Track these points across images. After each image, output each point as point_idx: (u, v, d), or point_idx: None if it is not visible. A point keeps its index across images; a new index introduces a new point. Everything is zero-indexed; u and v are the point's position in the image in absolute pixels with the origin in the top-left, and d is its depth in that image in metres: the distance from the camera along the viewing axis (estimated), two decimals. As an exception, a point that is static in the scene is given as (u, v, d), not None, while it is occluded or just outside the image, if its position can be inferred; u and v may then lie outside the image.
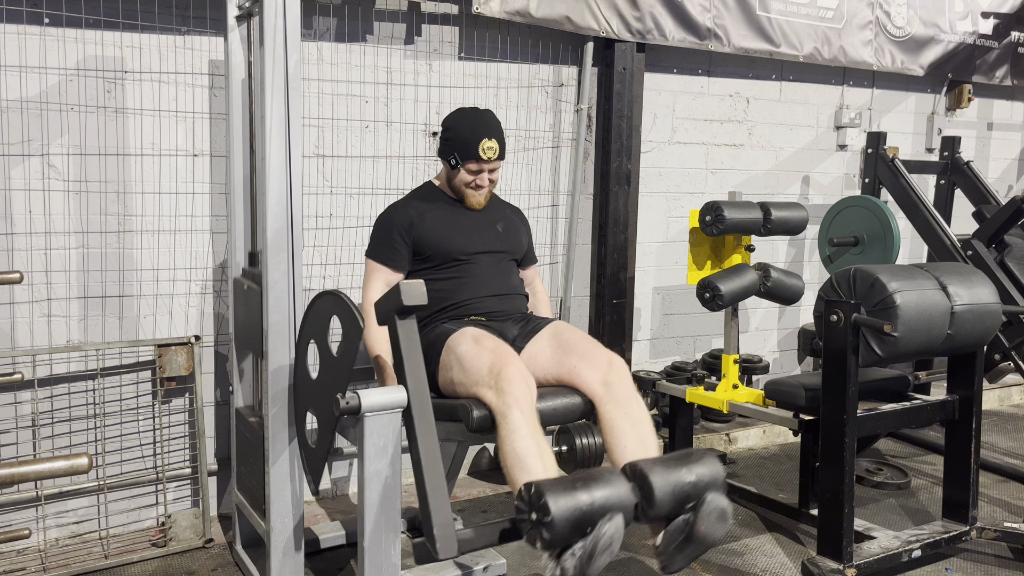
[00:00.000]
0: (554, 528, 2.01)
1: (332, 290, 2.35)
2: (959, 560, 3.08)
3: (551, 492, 2.05)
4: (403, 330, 2.20)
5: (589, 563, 2.02)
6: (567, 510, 2.03)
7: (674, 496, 2.17)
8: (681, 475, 2.19)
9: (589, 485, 2.09)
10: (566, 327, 2.68)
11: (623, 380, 2.46)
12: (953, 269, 3.00)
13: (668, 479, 2.17)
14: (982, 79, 5.32)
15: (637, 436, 2.41)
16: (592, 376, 2.47)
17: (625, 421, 2.43)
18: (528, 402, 2.30)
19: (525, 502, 2.11)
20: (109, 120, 3.03)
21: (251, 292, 2.65)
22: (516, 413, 2.26)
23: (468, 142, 2.68)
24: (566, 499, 2.04)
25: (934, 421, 3.15)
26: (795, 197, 4.83)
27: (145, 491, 3.21)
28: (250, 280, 2.70)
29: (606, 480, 2.12)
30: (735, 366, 3.58)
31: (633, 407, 2.43)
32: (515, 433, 2.25)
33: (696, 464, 2.22)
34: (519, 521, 2.14)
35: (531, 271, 3.06)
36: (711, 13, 4.16)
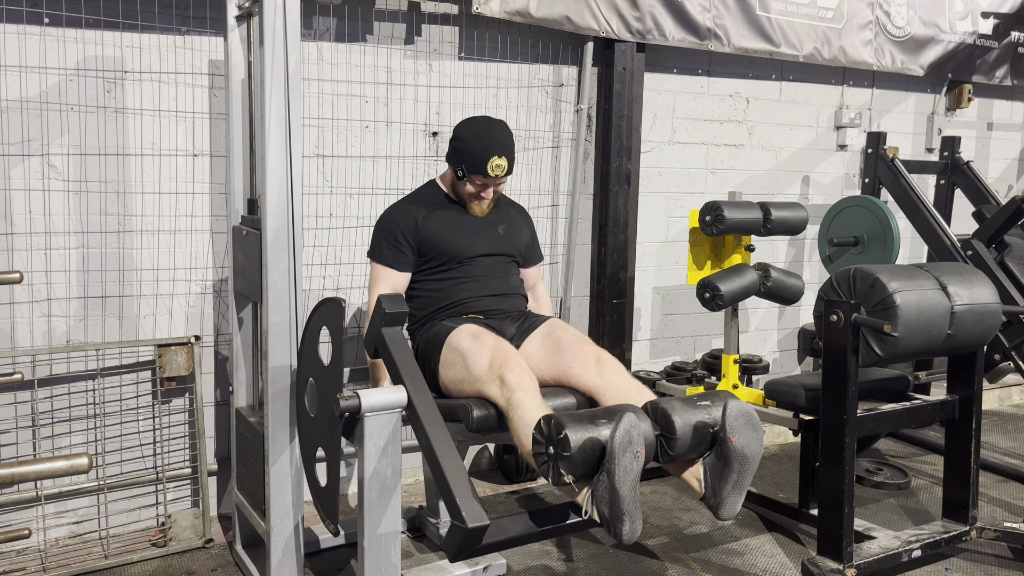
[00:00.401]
0: (571, 446, 1.96)
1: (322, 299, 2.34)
2: (959, 560, 3.08)
3: (567, 420, 2.00)
4: (389, 337, 2.22)
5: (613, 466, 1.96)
6: (583, 430, 1.98)
7: (695, 427, 2.13)
8: (700, 410, 2.16)
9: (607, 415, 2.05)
10: (560, 325, 2.68)
11: (615, 370, 2.47)
12: (953, 269, 3.00)
13: (687, 413, 2.14)
14: (982, 79, 5.32)
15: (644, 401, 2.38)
16: (585, 373, 2.47)
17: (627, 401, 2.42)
18: (532, 386, 2.30)
19: (543, 435, 2.05)
20: (109, 120, 3.03)
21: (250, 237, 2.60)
22: (520, 393, 2.26)
23: (478, 157, 2.67)
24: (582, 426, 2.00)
25: (934, 421, 3.15)
26: (795, 197, 4.83)
27: (145, 491, 3.21)
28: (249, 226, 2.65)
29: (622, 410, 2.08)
30: (735, 366, 3.59)
31: (632, 388, 2.42)
32: (522, 407, 2.23)
33: (714, 400, 2.20)
34: (540, 463, 2.06)
35: (534, 271, 3.05)
36: (711, 13, 4.16)
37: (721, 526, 3.33)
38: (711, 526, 3.33)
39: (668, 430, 2.12)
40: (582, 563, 2.97)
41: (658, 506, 3.52)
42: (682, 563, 3.01)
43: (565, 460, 1.98)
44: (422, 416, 2.13)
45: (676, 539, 3.20)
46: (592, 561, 2.99)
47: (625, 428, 1.99)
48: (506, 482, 3.76)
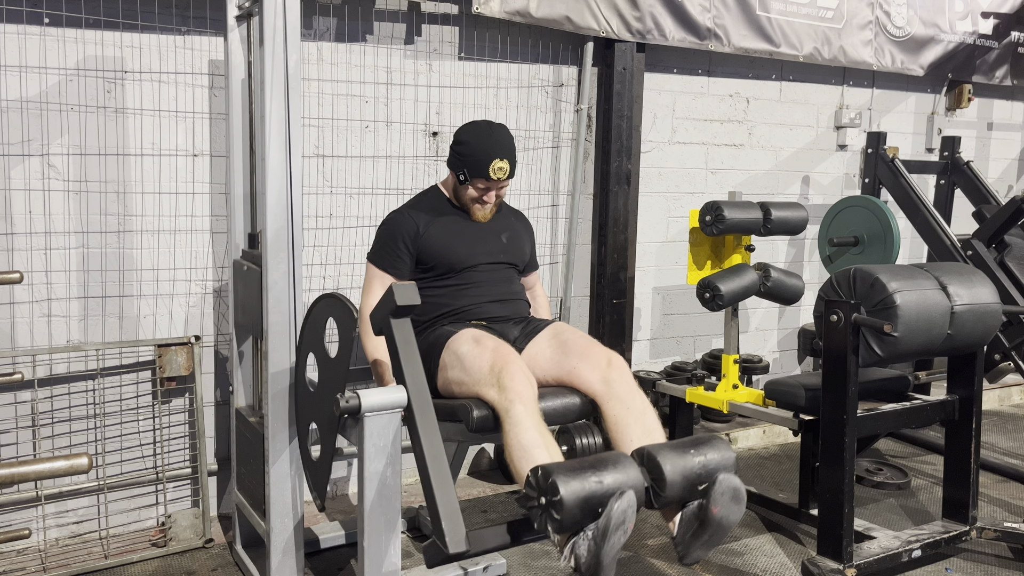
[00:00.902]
0: (564, 509, 1.96)
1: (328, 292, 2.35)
2: (959, 560, 3.08)
3: (560, 474, 2.00)
4: (398, 330, 2.20)
5: (603, 542, 1.96)
6: (577, 490, 1.98)
7: (685, 478, 2.12)
8: (691, 458, 2.15)
9: (599, 467, 2.05)
10: (565, 327, 2.68)
11: (623, 377, 2.46)
12: (953, 269, 3.00)
13: (678, 462, 2.13)
14: (982, 79, 5.32)
15: (642, 428, 2.39)
16: (592, 375, 2.47)
17: (628, 415, 2.42)
18: (530, 397, 2.29)
19: (534, 486, 2.05)
20: (109, 120, 3.03)
21: (251, 273, 2.62)
22: (519, 407, 2.26)
23: (479, 160, 2.67)
24: (576, 481, 1.99)
25: (934, 421, 3.15)
26: (795, 197, 4.83)
27: (145, 491, 3.21)
28: (249, 261, 2.68)
29: (616, 462, 2.07)
30: (735, 366, 3.59)
31: (636, 401, 2.41)
32: (519, 426, 2.23)
33: (706, 447, 2.19)
34: (528, 507, 2.08)
35: (532, 277, 3.06)
36: (711, 13, 4.16)
37: (721, 526, 3.33)
38: (711, 526, 3.33)
39: (658, 483, 2.12)
40: (582, 563, 2.97)
41: (658, 506, 3.52)
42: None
43: (555, 521, 1.99)
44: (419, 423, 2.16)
45: (676, 539, 3.20)
46: (592, 561, 2.98)
47: (622, 508, 1.98)
48: (506, 482, 3.75)
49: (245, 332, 2.90)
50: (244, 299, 2.77)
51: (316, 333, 2.38)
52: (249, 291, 2.67)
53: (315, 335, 2.39)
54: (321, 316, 2.37)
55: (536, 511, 2.04)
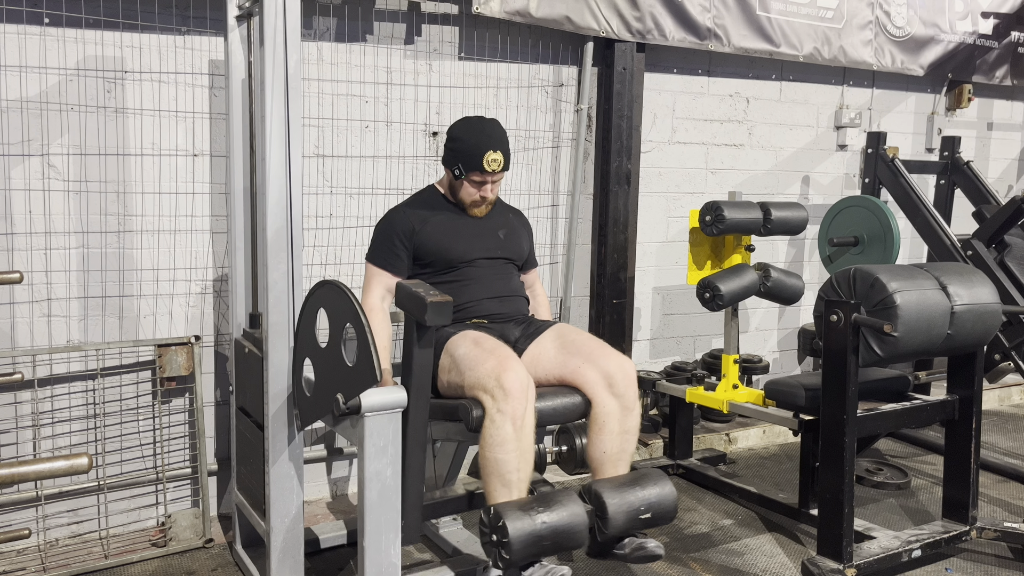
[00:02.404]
0: (511, 548, 2.17)
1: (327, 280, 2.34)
2: (959, 560, 3.08)
3: (509, 515, 2.20)
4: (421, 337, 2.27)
5: None
6: (524, 532, 2.19)
7: (628, 516, 2.34)
8: (635, 496, 2.37)
9: (547, 507, 2.25)
10: (570, 329, 2.70)
11: (631, 387, 2.52)
12: (953, 269, 3.00)
13: (623, 500, 2.34)
14: (982, 79, 5.32)
15: (621, 446, 2.52)
16: (597, 377, 2.49)
17: (618, 427, 2.50)
18: (522, 413, 2.33)
19: (486, 524, 2.26)
20: (109, 120, 3.03)
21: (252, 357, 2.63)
22: (508, 427, 2.31)
23: (473, 154, 2.68)
24: (523, 522, 2.20)
25: (934, 421, 3.15)
26: (795, 197, 4.83)
27: (145, 491, 3.21)
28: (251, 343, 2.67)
29: (563, 503, 2.28)
30: (735, 366, 3.59)
31: (631, 418, 2.52)
32: (502, 446, 2.32)
33: (650, 485, 2.40)
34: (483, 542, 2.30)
35: (532, 274, 3.07)
36: (711, 13, 4.16)
37: (721, 526, 3.33)
38: (711, 526, 3.34)
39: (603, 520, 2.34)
40: (582, 563, 2.97)
41: (658, 506, 3.52)
42: (682, 563, 3.01)
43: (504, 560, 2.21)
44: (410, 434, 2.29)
45: (676, 539, 3.20)
46: (591, 561, 2.99)
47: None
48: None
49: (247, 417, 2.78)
50: (247, 384, 2.73)
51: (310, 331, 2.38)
52: (252, 377, 2.64)
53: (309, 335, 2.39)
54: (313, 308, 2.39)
55: (488, 546, 2.26)
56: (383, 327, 2.64)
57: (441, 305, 2.17)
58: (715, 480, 3.68)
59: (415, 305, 2.21)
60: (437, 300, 2.16)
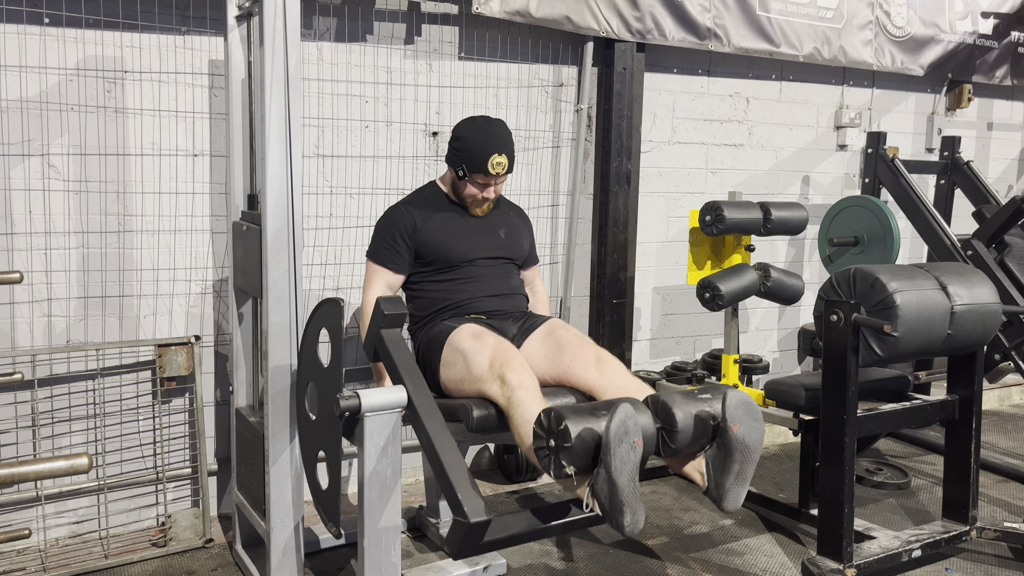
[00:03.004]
0: (572, 438, 1.96)
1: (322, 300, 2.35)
2: (959, 560, 3.08)
3: (571, 417, 2.00)
4: (388, 338, 2.23)
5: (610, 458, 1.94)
6: (583, 421, 1.98)
7: (696, 420, 2.13)
8: (700, 402, 2.16)
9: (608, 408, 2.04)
10: (560, 325, 2.68)
11: (615, 368, 2.46)
12: (953, 269, 3.00)
13: (688, 406, 2.14)
14: (982, 79, 5.32)
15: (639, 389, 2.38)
16: (585, 372, 2.47)
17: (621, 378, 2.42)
18: (532, 385, 2.30)
19: (543, 429, 2.04)
20: (109, 120, 3.03)
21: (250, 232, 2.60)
22: (521, 392, 2.26)
23: (478, 156, 2.67)
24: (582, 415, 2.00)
25: (934, 421, 3.15)
26: (795, 197, 4.83)
27: (145, 491, 3.21)
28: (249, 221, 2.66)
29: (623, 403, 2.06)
30: (735, 366, 3.59)
31: (632, 386, 2.41)
32: (522, 404, 2.23)
33: (713, 390, 2.22)
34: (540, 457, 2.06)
35: (532, 271, 3.07)
36: (711, 13, 4.16)
37: (721, 526, 3.33)
38: (711, 526, 3.34)
39: (669, 423, 2.11)
40: (582, 563, 2.97)
41: (658, 506, 3.52)
42: (682, 563, 3.01)
43: (566, 451, 1.97)
44: (422, 414, 2.13)
45: (676, 539, 3.20)
46: (592, 561, 2.99)
47: (620, 419, 1.97)
48: (506, 482, 3.76)
49: (244, 296, 2.88)
50: (243, 260, 2.73)
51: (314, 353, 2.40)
52: (248, 252, 2.63)
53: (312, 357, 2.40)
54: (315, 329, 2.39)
55: (548, 457, 2.02)
56: None
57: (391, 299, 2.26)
58: (715, 480, 3.68)
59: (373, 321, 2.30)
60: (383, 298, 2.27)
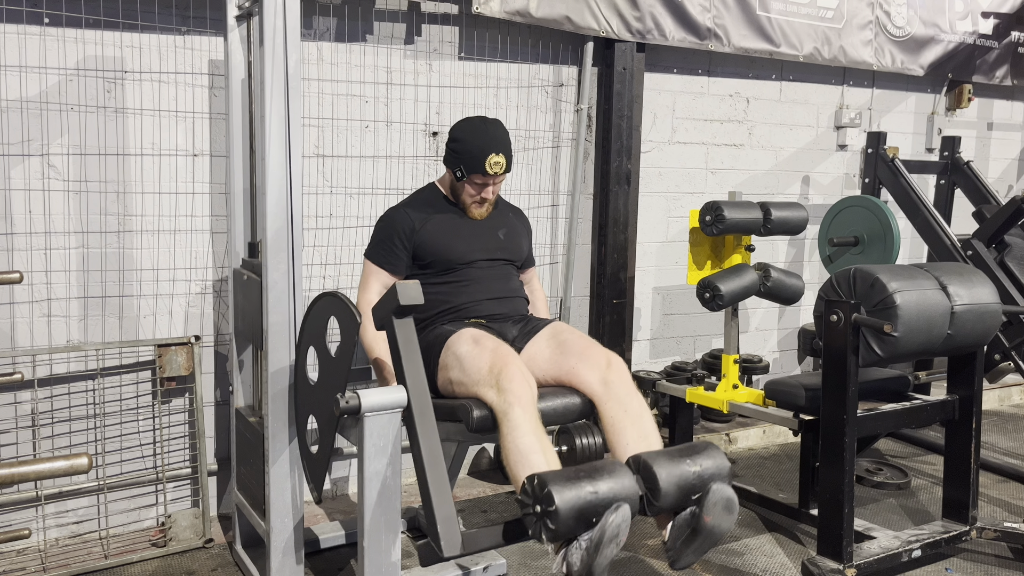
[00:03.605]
0: (559, 519, 1.97)
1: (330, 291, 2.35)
2: (959, 560, 3.08)
3: (555, 483, 2.01)
4: (400, 329, 2.20)
5: (596, 554, 1.97)
6: (572, 500, 1.98)
7: (679, 487, 2.13)
8: (686, 466, 2.15)
9: (594, 476, 2.05)
10: (564, 327, 2.68)
11: (622, 378, 2.46)
12: (953, 269, 3.00)
13: (673, 470, 2.13)
14: (982, 79, 5.32)
15: (639, 431, 2.39)
16: (591, 376, 2.47)
17: (626, 418, 2.42)
18: (529, 400, 2.29)
19: (529, 494, 2.06)
20: (109, 120, 3.03)
21: (251, 283, 2.64)
22: (517, 410, 2.26)
23: (476, 156, 2.67)
24: (570, 489, 2.00)
25: (934, 421, 3.15)
26: (795, 197, 4.83)
27: (145, 491, 3.21)
28: (249, 271, 2.70)
29: (611, 471, 2.08)
30: (735, 366, 3.58)
31: (633, 404, 2.42)
32: (517, 430, 2.24)
33: (700, 456, 2.19)
34: (524, 515, 2.08)
35: (530, 272, 3.06)
36: (711, 13, 4.16)
37: (721, 526, 3.33)
38: (711, 526, 3.33)
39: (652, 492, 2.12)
40: (582, 563, 2.97)
41: (658, 506, 3.52)
42: (682, 563, 3.01)
43: (549, 531, 2.00)
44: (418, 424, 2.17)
45: (676, 539, 3.20)
46: (592, 561, 2.98)
47: (617, 522, 1.98)
48: (505, 482, 3.75)
49: (245, 342, 2.89)
50: (244, 307, 2.77)
51: (317, 330, 2.38)
52: (249, 300, 2.67)
53: (316, 331, 2.39)
54: (323, 314, 2.37)
55: (531, 519, 2.05)
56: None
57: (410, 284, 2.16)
58: (715, 480, 3.68)
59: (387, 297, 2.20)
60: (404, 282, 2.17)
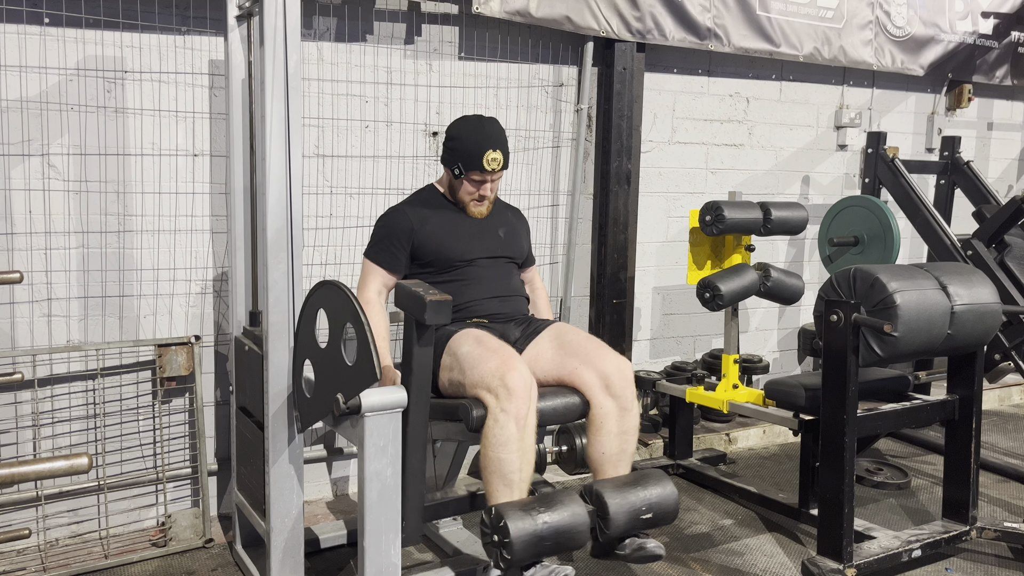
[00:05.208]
0: (513, 549, 2.17)
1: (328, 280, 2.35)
2: (959, 560, 3.08)
3: (511, 515, 2.20)
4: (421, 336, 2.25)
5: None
6: (525, 533, 2.19)
7: (629, 516, 2.34)
8: (636, 496, 2.37)
9: (548, 507, 2.25)
10: (568, 328, 2.69)
11: (628, 387, 2.51)
12: (953, 269, 3.00)
13: (624, 500, 2.34)
14: (982, 79, 5.32)
15: (620, 446, 2.52)
16: (594, 378, 2.49)
17: (616, 427, 2.50)
18: (526, 413, 2.33)
19: (488, 525, 2.25)
20: (109, 120, 3.03)
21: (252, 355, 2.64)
22: (512, 426, 2.31)
23: (472, 153, 2.68)
24: (524, 522, 2.20)
25: (934, 421, 3.15)
26: (795, 197, 4.83)
27: (145, 491, 3.21)
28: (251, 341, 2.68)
29: (564, 503, 2.27)
30: (735, 366, 3.59)
31: (629, 418, 2.51)
32: (505, 445, 2.32)
33: (651, 485, 2.40)
34: (484, 542, 2.29)
35: (531, 271, 3.07)
36: (711, 13, 4.16)
37: (721, 526, 3.33)
38: (711, 526, 3.34)
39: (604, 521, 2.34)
40: (581, 563, 2.97)
41: (658, 506, 3.52)
42: (682, 563, 3.01)
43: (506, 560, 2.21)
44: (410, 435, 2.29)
45: (676, 539, 3.20)
46: (591, 561, 2.99)
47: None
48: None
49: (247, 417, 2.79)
50: (246, 383, 2.75)
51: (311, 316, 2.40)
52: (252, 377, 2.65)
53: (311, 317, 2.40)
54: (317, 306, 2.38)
55: (490, 547, 2.26)
56: (379, 322, 2.64)
57: (440, 303, 2.17)
58: (715, 480, 3.68)
59: (414, 304, 2.21)
60: (436, 299, 2.16)
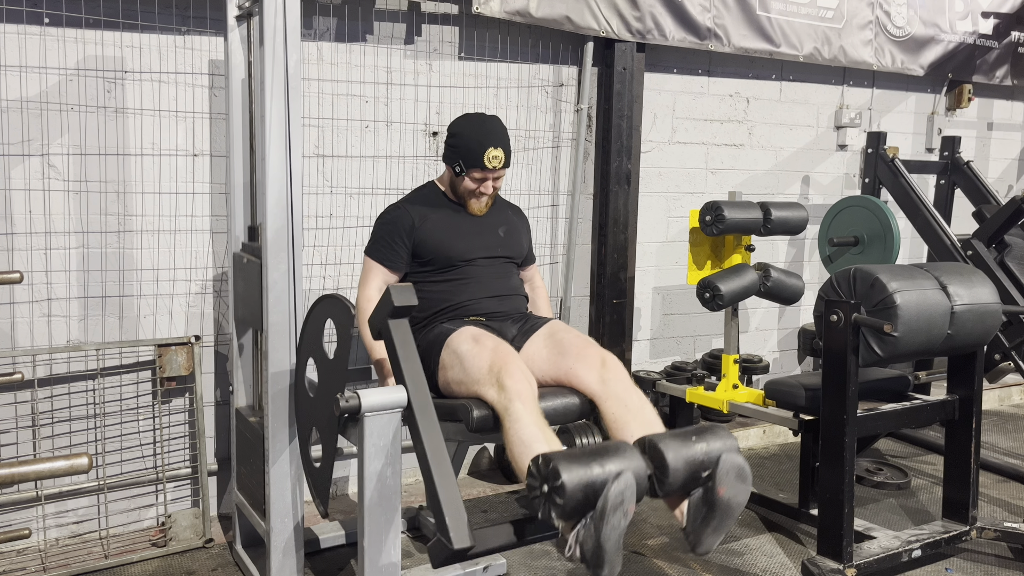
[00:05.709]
0: (566, 494, 1.94)
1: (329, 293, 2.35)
2: (959, 560, 3.08)
3: (562, 460, 1.99)
4: (396, 330, 2.20)
5: (602, 523, 1.94)
6: (579, 476, 1.97)
7: (688, 465, 2.11)
8: (694, 446, 2.13)
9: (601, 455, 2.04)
10: (561, 327, 2.68)
11: (619, 376, 2.45)
12: (953, 269, 3.00)
13: (681, 450, 2.12)
14: (982, 79, 5.32)
15: (642, 422, 2.38)
16: (588, 376, 2.47)
17: (627, 413, 2.42)
18: (530, 396, 2.29)
19: (536, 475, 2.03)
20: (109, 120, 3.03)
21: (251, 266, 2.62)
22: (518, 404, 2.25)
23: (474, 151, 2.68)
24: (578, 467, 1.99)
25: (934, 421, 3.15)
26: (795, 197, 4.83)
27: (145, 491, 3.21)
28: (250, 254, 2.68)
29: (618, 450, 2.06)
30: (735, 366, 3.58)
31: (633, 398, 2.41)
32: (519, 422, 2.23)
33: (708, 435, 2.18)
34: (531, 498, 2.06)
35: (531, 270, 3.07)
36: (711, 13, 4.16)
37: (721, 526, 3.33)
38: (711, 526, 3.33)
39: (661, 470, 2.11)
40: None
41: (658, 506, 3.52)
42: (682, 563, 3.01)
43: (557, 507, 1.98)
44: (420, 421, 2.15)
45: (676, 539, 3.20)
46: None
47: (619, 489, 1.97)
48: (506, 482, 3.75)
49: (245, 326, 2.90)
50: (244, 293, 2.76)
51: (315, 336, 2.39)
52: (249, 285, 2.66)
53: (314, 338, 2.39)
54: (320, 318, 2.37)
55: (539, 500, 2.01)
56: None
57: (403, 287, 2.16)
58: (715, 480, 3.68)
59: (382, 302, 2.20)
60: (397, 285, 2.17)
